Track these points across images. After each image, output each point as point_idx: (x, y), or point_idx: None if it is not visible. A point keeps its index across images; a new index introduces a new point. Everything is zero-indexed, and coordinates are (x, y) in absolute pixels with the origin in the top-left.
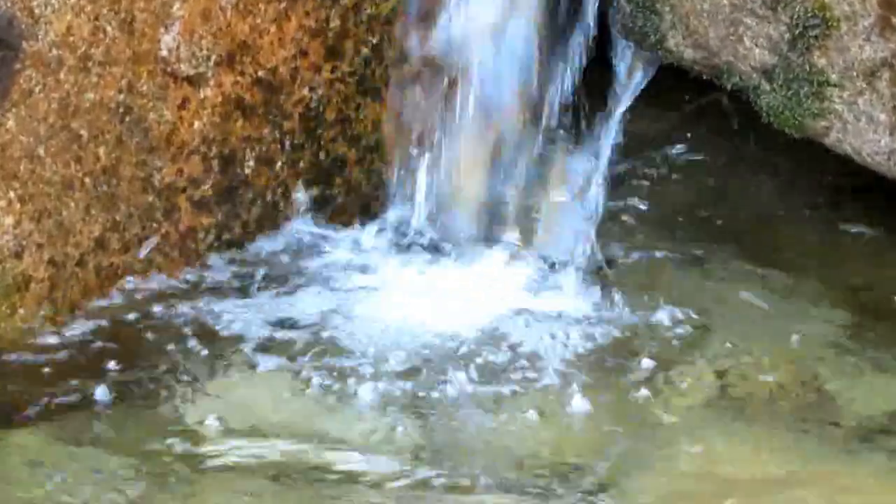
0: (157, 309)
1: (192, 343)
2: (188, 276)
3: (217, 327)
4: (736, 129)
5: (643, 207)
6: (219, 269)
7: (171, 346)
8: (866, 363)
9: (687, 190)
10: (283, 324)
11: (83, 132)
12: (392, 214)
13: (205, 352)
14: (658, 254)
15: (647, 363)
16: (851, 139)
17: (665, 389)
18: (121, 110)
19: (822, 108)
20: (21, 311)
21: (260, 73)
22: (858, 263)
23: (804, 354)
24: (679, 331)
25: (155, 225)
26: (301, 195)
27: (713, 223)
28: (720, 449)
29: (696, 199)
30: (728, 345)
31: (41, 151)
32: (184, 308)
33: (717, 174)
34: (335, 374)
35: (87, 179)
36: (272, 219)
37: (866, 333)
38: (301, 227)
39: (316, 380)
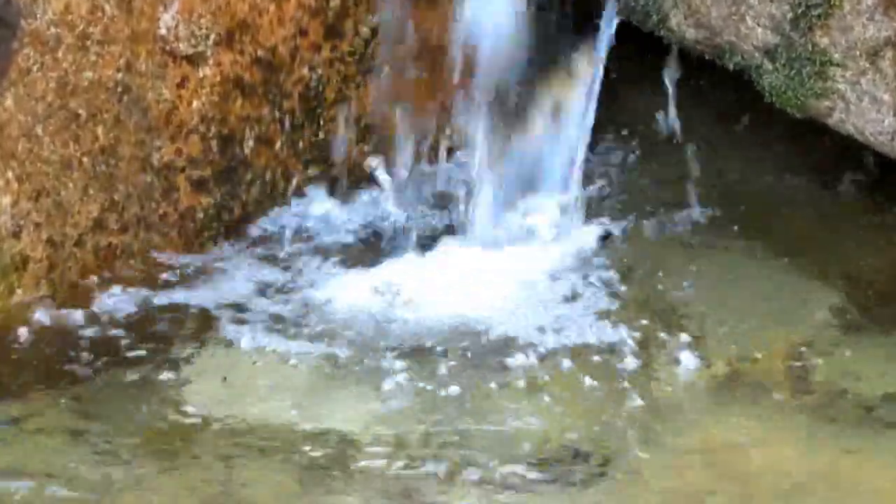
0: (156, 287)
1: (193, 320)
2: (187, 256)
3: (217, 304)
4: (734, 108)
5: (636, 185)
6: (219, 247)
7: (172, 324)
8: (865, 344)
9: (682, 168)
10: (283, 300)
11: (81, 111)
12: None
13: (206, 329)
14: (655, 233)
15: (645, 343)
16: (854, 119)
17: (663, 370)
18: (119, 89)
19: (824, 87)
20: (19, 290)
21: (259, 53)
22: (857, 244)
23: (802, 335)
24: (676, 311)
25: (153, 205)
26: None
27: (710, 201)
28: (718, 430)
29: (692, 177)
30: (726, 326)
31: (39, 131)
32: (183, 286)
33: (715, 152)
34: (337, 352)
35: (85, 159)
36: (272, 199)
37: (864, 314)
38: (300, 206)
39: (317, 358)
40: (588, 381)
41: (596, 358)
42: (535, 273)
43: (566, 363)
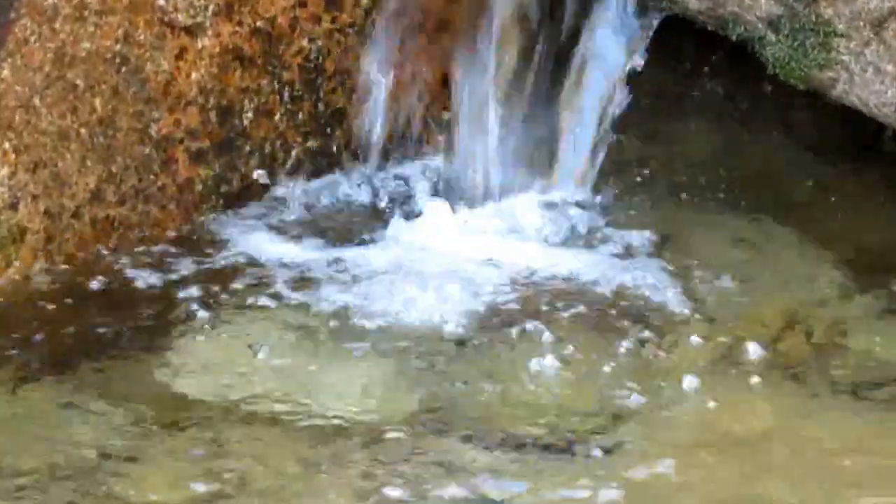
0: (154, 260)
1: (193, 291)
2: (186, 227)
3: (217, 275)
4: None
5: (643, 157)
6: (218, 218)
7: (171, 298)
8: (871, 316)
9: (697, 142)
10: (282, 271)
11: (79, 82)
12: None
13: (204, 300)
14: (664, 205)
15: (650, 317)
16: (858, 91)
17: (667, 344)
18: (117, 60)
19: (828, 58)
20: (16, 263)
21: (258, 24)
22: (868, 217)
23: (808, 307)
24: (682, 284)
25: (152, 177)
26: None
27: (721, 174)
28: (724, 404)
29: (706, 151)
30: (732, 298)
31: (37, 102)
32: (182, 258)
33: (730, 126)
34: (336, 323)
35: (83, 130)
36: (270, 170)
37: (872, 286)
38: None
39: (316, 328)
40: (595, 351)
41: (598, 331)
42: (545, 239)
43: (572, 333)
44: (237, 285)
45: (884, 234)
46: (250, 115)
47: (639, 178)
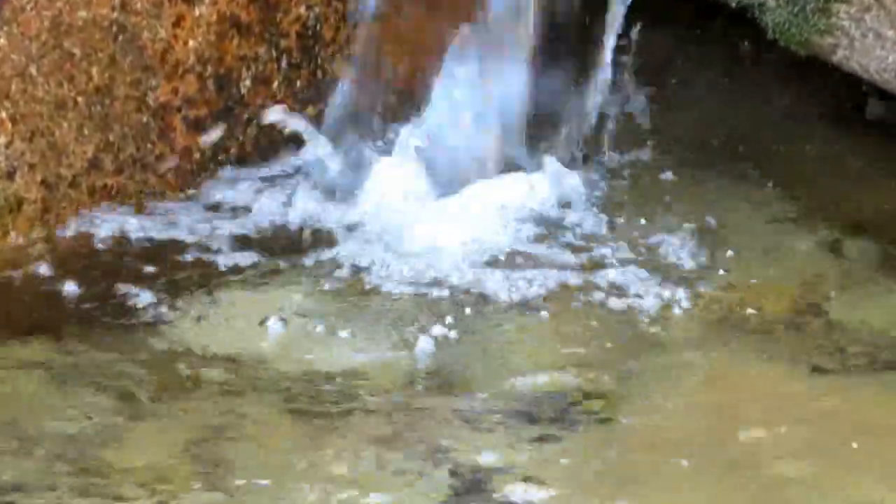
0: (152, 227)
1: (190, 263)
2: (182, 197)
3: (215, 247)
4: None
5: (644, 126)
6: (215, 188)
7: (168, 266)
8: (868, 284)
9: (689, 110)
10: (280, 240)
11: (76, 51)
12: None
13: (197, 270)
14: (659, 173)
15: (648, 283)
16: (858, 56)
17: (666, 309)
18: (114, 29)
19: (828, 24)
20: (13, 232)
21: None
22: (878, 187)
23: (804, 273)
24: (679, 250)
25: (150, 145)
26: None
27: (717, 144)
28: (722, 369)
29: (699, 119)
30: (729, 264)
31: (33, 70)
32: (176, 227)
33: (722, 94)
34: (335, 293)
35: (80, 99)
36: (269, 138)
37: (868, 253)
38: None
39: (316, 301)
40: (589, 321)
41: (596, 296)
42: (535, 208)
43: (564, 303)
44: (236, 251)
45: (873, 201)
46: (248, 82)
47: (638, 145)
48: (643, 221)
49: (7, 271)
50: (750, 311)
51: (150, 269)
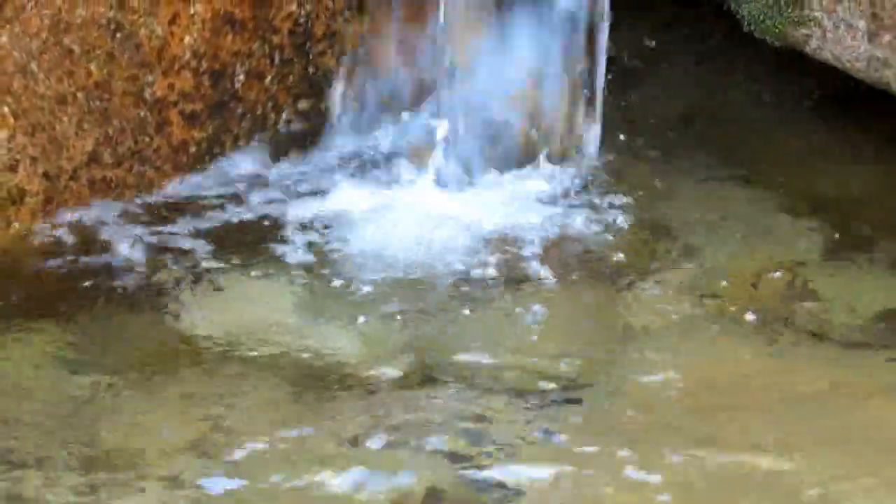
0: (151, 218)
1: (183, 249)
2: (180, 187)
3: (208, 234)
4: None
5: (629, 113)
6: (212, 179)
7: (167, 255)
8: (844, 268)
9: (673, 97)
10: (273, 229)
11: (75, 48)
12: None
13: (193, 258)
14: (641, 159)
15: (625, 268)
16: (831, 46)
17: (643, 294)
18: (112, 26)
19: (802, 15)
20: (16, 224)
21: None
22: (840, 170)
23: (782, 259)
24: (659, 236)
25: (147, 139)
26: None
27: (697, 130)
28: (697, 353)
29: (683, 107)
30: (707, 250)
31: (34, 67)
32: (173, 217)
33: (706, 84)
34: (333, 277)
35: (79, 94)
36: (262, 132)
37: (846, 238)
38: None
39: (314, 284)
40: (566, 306)
41: (575, 282)
42: (522, 197)
43: (544, 287)
44: (233, 240)
45: (858, 189)
46: (242, 77)
47: (623, 134)
48: (625, 206)
49: (10, 260)
50: (725, 292)
51: (149, 256)
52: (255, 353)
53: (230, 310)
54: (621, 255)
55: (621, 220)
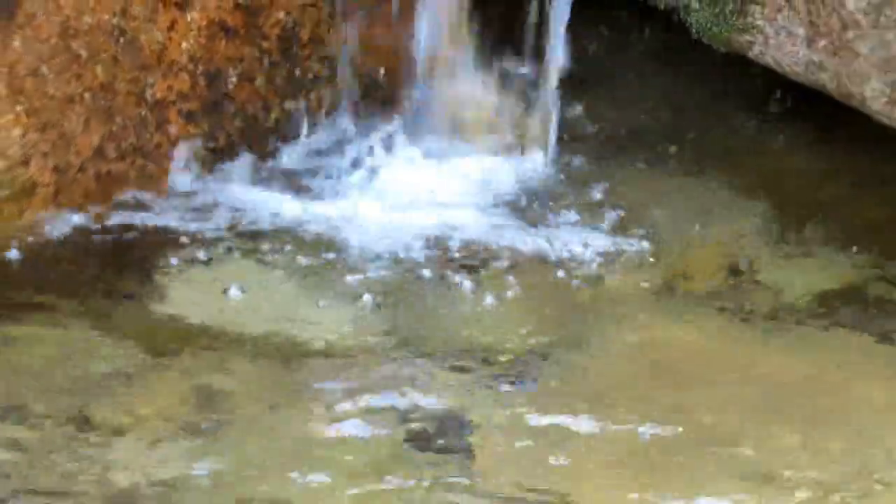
0: (147, 210)
1: (182, 238)
2: (178, 181)
3: (205, 224)
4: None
5: (584, 115)
6: (206, 172)
7: (159, 241)
8: (787, 249)
9: (627, 100)
10: (266, 219)
11: (82, 52)
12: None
13: (192, 246)
14: (600, 153)
15: (586, 252)
16: (772, 52)
17: (602, 279)
18: (116, 32)
19: (745, 23)
20: (28, 213)
21: None
22: (788, 164)
23: (732, 242)
24: (616, 226)
25: (148, 135)
26: None
27: (651, 130)
28: (656, 333)
29: (641, 107)
30: (660, 234)
31: (45, 70)
32: (172, 207)
33: (660, 86)
34: (317, 262)
35: (86, 95)
36: (253, 129)
37: (791, 223)
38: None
39: (297, 268)
40: (531, 287)
41: (538, 266)
42: (493, 182)
43: (509, 270)
44: (226, 228)
45: (795, 179)
46: (234, 80)
47: (583, 133)
48: (585, 195)
49: (24, 245)
50: (679, 274)
51: (144, 245)
52: (246, 333)
53: (223, 290)
54: (580, 238)
55: (579, 207)
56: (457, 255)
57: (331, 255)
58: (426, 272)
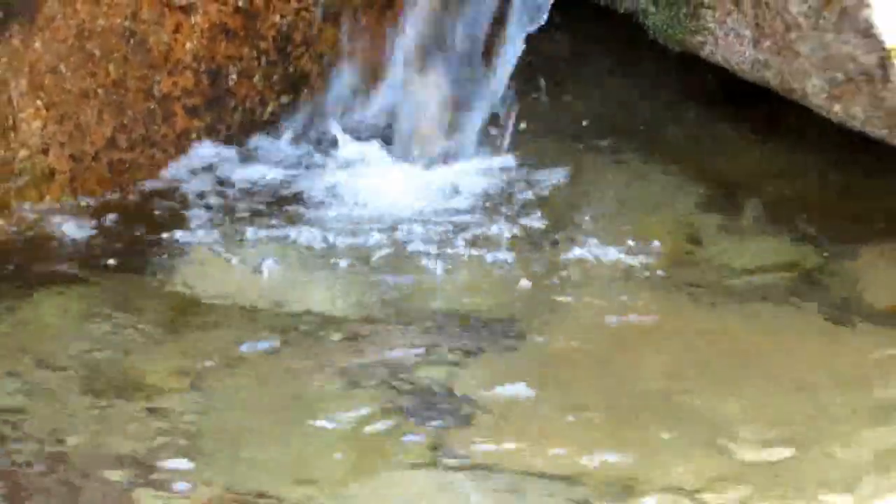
0: (155, 196)
1: (185, 221)
2: (183, 167)
3: (207, 208)
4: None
5: (548, 110)
6: (209, 160)
7: (166, 224)
8: (738, 231)
9: (589, 97)
10: (264, 202)
11: (96, 52)
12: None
13: (194, 228)
14: (563, 148)
15: (549, 241)
16: (722, 52)
17: (566, 259)
18: (127, 34)
19: (698, 25)
20: (47, 197)
21: (240, 3)
22: (738, 155)
23: (683, 224)
24: (577, 212)
25: (156, 127)
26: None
27: (611, 124)
28: (616, 308)
29: (596, 105)
30: (622, 222)
31: (62, 67)
32: (178, 193)
33: (615, 85)
34: (307, 246)
35: (99, 90)
36: (251, 122)
37: (737, 207)
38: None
39: (293, 248)
40: (511, 267)
41: (517, 248)
42: (458, 177)
43: (488, 249)
44: (233, 209)
45: (743, 167)
46: (234, 77)
47: (544, 127)
48: (549, 187)
49: (43, 227)
50: (640, 256)
51: (159, 225)
52: (256, 307)
53: (222, 273)
54: (545, 222)
55: (543, 195)
56: (436, 231)
57: (326, 231)
58: (407, 244)
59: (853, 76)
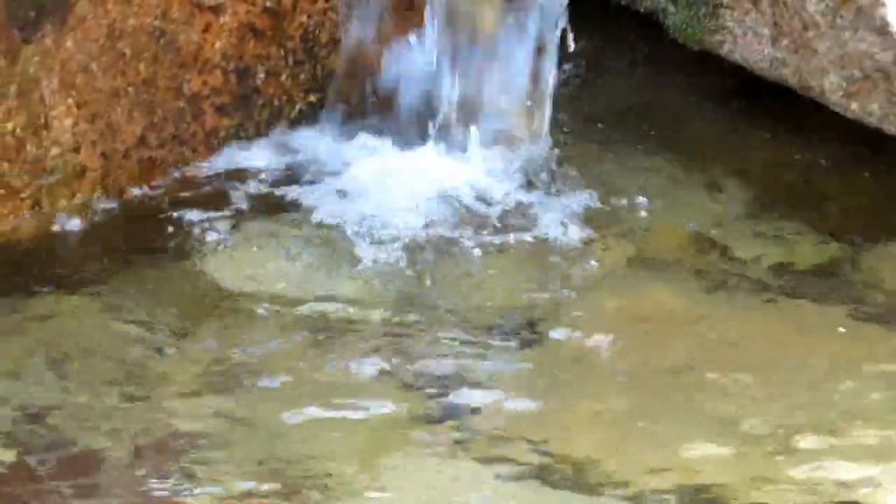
0: (184, 192)
1: (215, 216)
2: (212, 165)
3: (236, 203)
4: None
5: (570, 106)
6: (236, 159)
7: (196, 219)
8: (748, 220)
9: (612, 92)
10: (293, 196)
11: (127, 51)
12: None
13: (224, 222)
14: (584, 144)
15: (574, 231)
16: (740, 50)
17: (589, 250)
18: (157, 33)
19: (717, 25)
20: (79, 194)
21: (268, 3)
22: (756, 151)
23: (702, 220)
24: (602, 204)
25: (185, 125)
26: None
27: (633, 120)
28: (636, 298)
29: (619, 100)
30: (644, 214)
31: (94, 66)
32: (207, 189)
33: (638, 80)
34: (335, 238)
35: (130, 89)
36: (278, 120)
37: (753, 203)
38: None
39: (318, 244)
40: (527, 259)
41: (532, 241)
42: (493, 171)
43: (505, 244)
44: (262, 204)
45: (764, 162)
46: (262, 76)
47: (570, 124)
48: (570, 180)
49: (75, 223)
50: (653, 247)
51: (189, 221)
52: (282, 300)
53: (252, 266)
54: (568, 217)
55: (567, 190)
56: (458, 229)
57: (351, 227)
58: (435, 240)
59: (870, 73)
